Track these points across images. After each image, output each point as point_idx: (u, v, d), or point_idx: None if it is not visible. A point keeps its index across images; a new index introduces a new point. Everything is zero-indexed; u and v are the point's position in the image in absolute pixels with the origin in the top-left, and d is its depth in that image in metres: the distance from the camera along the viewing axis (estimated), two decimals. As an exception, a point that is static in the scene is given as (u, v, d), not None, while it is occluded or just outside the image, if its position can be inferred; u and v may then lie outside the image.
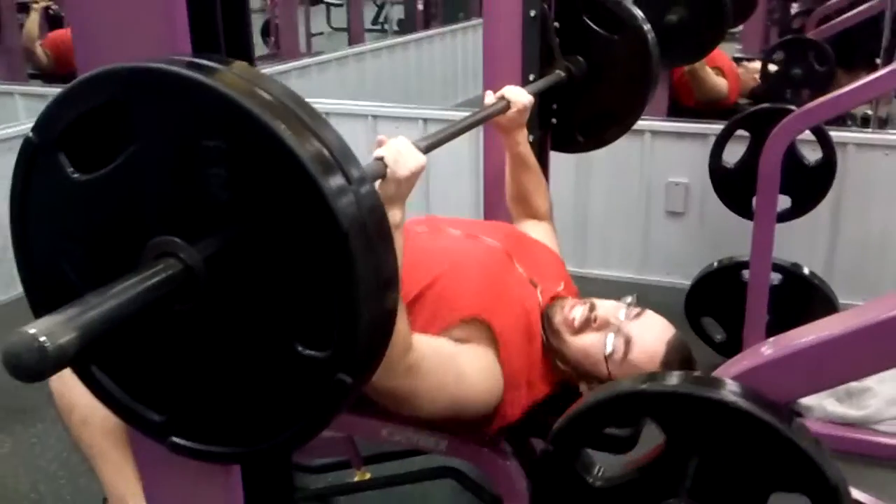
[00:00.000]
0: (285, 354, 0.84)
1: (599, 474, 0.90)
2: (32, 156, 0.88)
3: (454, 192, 3.56)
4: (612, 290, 3.44)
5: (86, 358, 0.94)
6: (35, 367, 0.66)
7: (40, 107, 0.79)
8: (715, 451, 0.83)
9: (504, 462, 1.68)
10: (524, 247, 1.79)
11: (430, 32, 6.98)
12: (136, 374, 0.94)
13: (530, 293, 1.65)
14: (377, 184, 1.21)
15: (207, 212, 0.82)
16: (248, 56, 1.03)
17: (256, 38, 8.25)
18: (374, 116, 3.69)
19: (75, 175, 0.86)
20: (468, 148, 3.45)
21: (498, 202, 2.24)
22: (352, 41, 7.33)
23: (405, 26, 8.33)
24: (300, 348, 0.83)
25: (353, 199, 0.80)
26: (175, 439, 0.94)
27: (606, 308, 1.56)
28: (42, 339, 0.65)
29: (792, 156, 2.36)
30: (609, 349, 1.50)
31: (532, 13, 2.10)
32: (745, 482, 0.83)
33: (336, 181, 0.79)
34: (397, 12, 8.73)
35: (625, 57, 2.13)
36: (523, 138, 1.91)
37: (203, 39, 0.99)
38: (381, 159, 1.19)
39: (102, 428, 1.80)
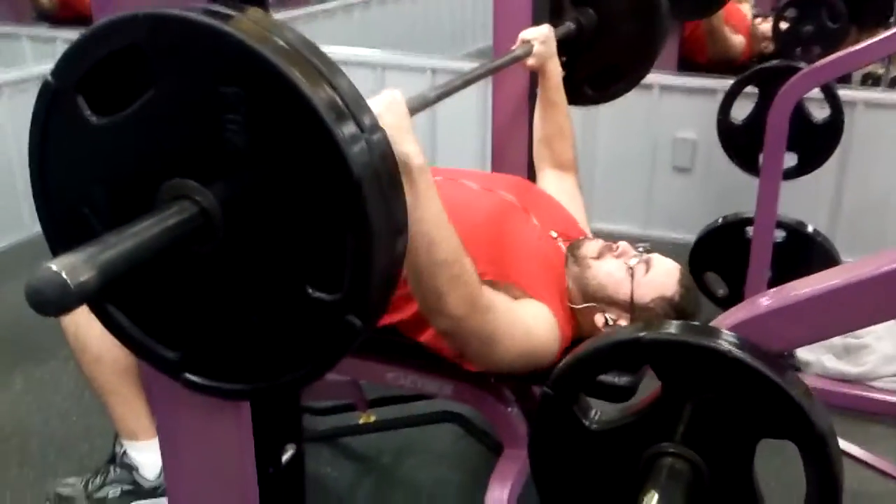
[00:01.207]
0: (297, 297, 0.86)
1: (596, 418, 0.93)
2: (51, 99, 0.89)
3: (460, 143, 3.57)
4: (617, 244, 3.47)
5: (102, 296, 0.97)
6: (57, 302, 0.68)
7: (48, 49, 0.81)
8: (709, 398, 0.86)
9: (506, 408, 1.72)
10: (539, 200, 1.81)
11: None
12: (151, 312, 0.96)
13: (551, 244, 1.69)
14: None
15: (224, 157, 0.83)
16: (261, 3, 1.04)
17: (265, -16, 8.16)
18: (384, 66, 3.67)
19: (93, 118, 0.87)
20: (476, 99, 3.44)
21: (505, 154, 2.26)
22: (361, -13, 7.24)
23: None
24: (311, 291, 0.86)
25: (365, 146, 0.82)
26: (188, 376, 0.97)
27: (625, 242, 1.66)
28: (64, 275, 0.67)
29: (800, 113, 2.36)
30: (632, 263, 1.58)
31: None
32: (737, 429, 0.86)
33: (349, 129, 0.80)
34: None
35: (634, 10, 2.13)
36: (556, 69, 1.95)
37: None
38: None
39: (114, 366, 1.85)
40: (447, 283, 1.28)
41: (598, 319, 1.60)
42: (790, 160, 2.47)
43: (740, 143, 2.60)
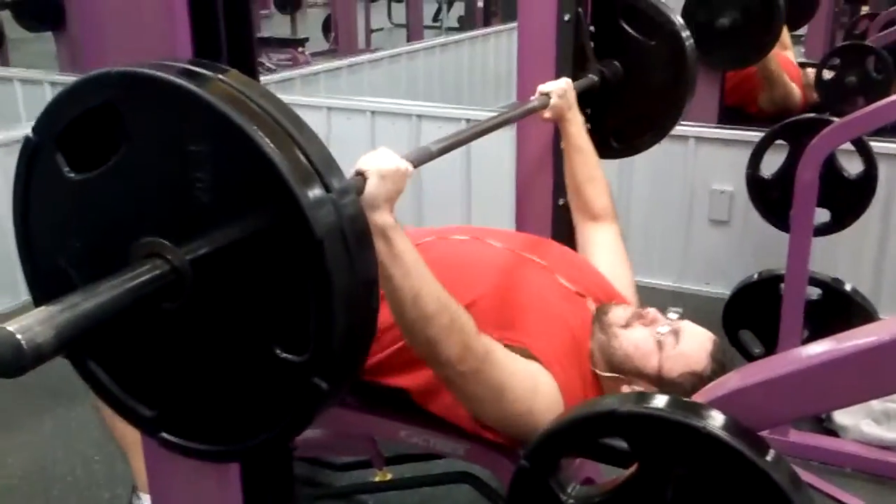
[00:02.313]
0: (265, 357, 0.85)
1: (573, 492, 0.89)
2: (32, 154, 0.90)
3: (494, 199, 3.54)
4: (651, 297, 3.36)
5: (81, 351, 0.97)
6: (12, 364, 0.68)
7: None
8: (687, 476, 0.82)
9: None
10: (568, 262, 1.78)
11: (485, 31, 6.96)
12: (129, 370, 0.97)
13: (578, 306, 1.64)
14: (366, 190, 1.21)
15: (194, 215, 0.84)
16: (249, 62, 1.05)
17: (318, 34, 8.36)
18: (419, 116, 3.70)
19: (71, 174, 0.89)
20: (509, 154, 3.43)
21: (528, 206, 2.25)
22: (410, 38, 7.38)
23: (465, 23, 8.36)
24: (278, 351, 0.85)
25: (332, 208, 0.81)
26: (164, 435, 0.97)
27: (655, 310, 1.59)
28: (19, 337, 0.67)
29: (831, 167, 2.30)
30: (662, 332, 1.52)
31: (566, 17, 2.09)
32: (716, 509, 0.82)
33: (314, 189, 0.80)
34: (459, 9, 8.76)
35: (661, 62, 2.10)
36: (576, 118, 1.95)
37: (205, 45, 1.01)
38: (361, 173, 1.20)
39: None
40: (439, 333, 1.28)
41: (625, 391, 1.55)
42: (823, 216, 2.40)
43: (771, 198, 2.54)
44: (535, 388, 1.44)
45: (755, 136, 2.98)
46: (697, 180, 3.36)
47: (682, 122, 3.46)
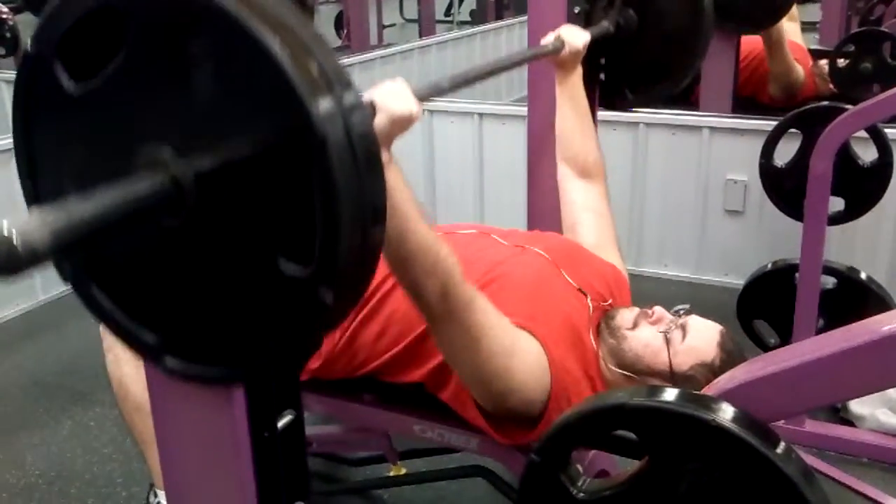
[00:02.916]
0: (269, 273, 0.82)
1: (584, 486, 0.89)
2: (32, 67, 0.87)
3: (507, 199, 3.54)
4: (667, 289, 3.39)
5: (84, 276, 0.94)
6: (5, 264, 0.64)
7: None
8: (697, 469, 0.82)
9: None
10: (573, 257, 1.79)
11: (497, 24, 6.94)
12: (131, 294, 0.93)
13: (578, 301, 1.65)
14: None
15: (197, 125, 0.80)
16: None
17: (330, 30, 8.34)
18: (431, 112, 3.69)
19: (71, 83, 0.85)
20: (522, 155, 3.43)
21: (540, 203, 2.25)
22: (423, 33, 7.36)
23: (477, 17, 8.33)
24: (283, 265, 0.81)
25: (339, 116, 0.76)
26: (168, 360, 0.93)
27: (660, 308, 1.62)
28: (13, 236, 0.64)
29: (845, 156, 2.27)
30: (668, 329, 1.54)
31: (576, 9, 2.08)
32: (728, 502, 0.82)
33: (323, 97, 0.75)
34: (470, 3, 8.72)
35: (676, 11, 2.08)
36: (576, 75, 1.97)
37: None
38: (369, 101, 1.17)
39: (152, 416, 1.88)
40: (422, 274, 1.30)
41: None
42: (838, 204, 2.38)
43: (784, 188, 2.52)
44: (513, 347, 1.45)
45: (769, 125, 2.95)
46: (712, 171, 3.34)
47: (696, 113, 3.45)
